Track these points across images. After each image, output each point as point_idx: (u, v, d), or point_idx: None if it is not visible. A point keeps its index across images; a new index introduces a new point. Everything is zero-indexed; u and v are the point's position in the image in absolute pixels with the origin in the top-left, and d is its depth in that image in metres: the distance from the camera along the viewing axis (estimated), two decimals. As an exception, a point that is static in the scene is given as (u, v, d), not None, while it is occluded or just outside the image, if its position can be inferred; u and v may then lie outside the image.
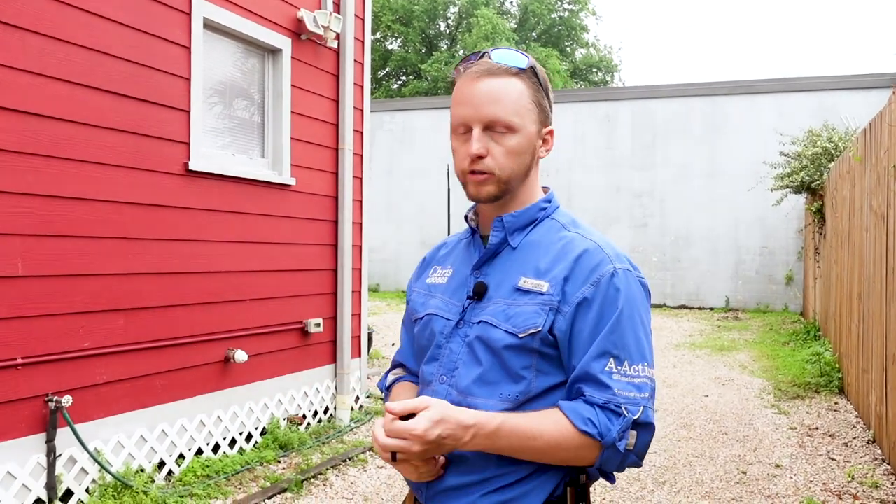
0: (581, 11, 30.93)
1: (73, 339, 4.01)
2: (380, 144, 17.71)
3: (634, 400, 1.34)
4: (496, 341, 1.40)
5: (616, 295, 1.38)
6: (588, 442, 1.33)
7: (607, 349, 1.35)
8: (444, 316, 1.52)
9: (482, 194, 1.45)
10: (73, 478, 3.99)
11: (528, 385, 1.40)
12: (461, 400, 1.42)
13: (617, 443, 1.32)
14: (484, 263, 1.50)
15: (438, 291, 1.57)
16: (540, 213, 1.52)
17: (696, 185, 15.48)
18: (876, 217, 5.47)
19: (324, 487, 4.64)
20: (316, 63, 5.90)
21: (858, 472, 4.89)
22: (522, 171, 1.47)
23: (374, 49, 29.44)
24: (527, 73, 1.45)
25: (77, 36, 4.00)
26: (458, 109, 1.45)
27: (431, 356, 1.52)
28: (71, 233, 4.00)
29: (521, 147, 1.44)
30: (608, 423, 1.32)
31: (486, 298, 1.46)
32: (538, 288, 1.41)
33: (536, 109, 1.46)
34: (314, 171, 5.88)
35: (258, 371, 5.32)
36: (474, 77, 1.44)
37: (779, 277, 14.99)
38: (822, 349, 8.46)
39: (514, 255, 1.48)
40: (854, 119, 11.04)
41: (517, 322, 1.39)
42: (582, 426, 1.32)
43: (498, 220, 1.49)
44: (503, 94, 1.42)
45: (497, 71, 1.43)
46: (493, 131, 1.42)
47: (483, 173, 1.43)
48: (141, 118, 4.39)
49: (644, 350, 1.39)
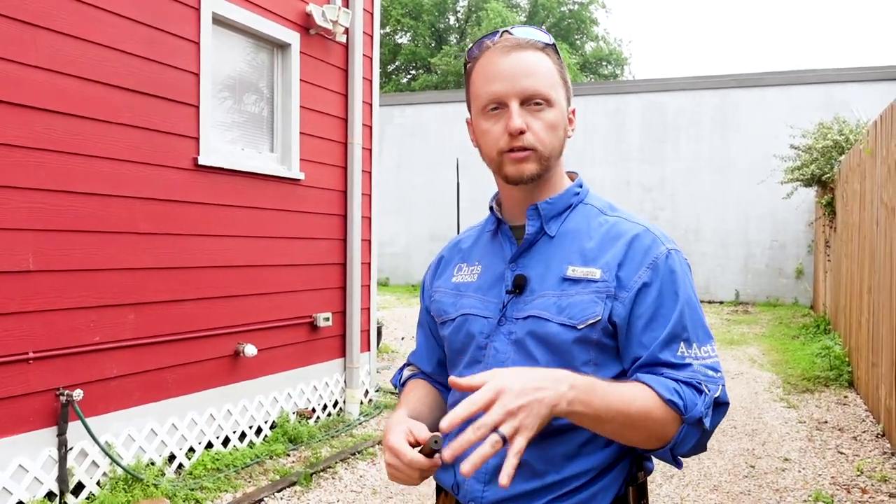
0: (591, 4, 30.83)
1: (83, 334, 4.05)
2: (390, 139, 17.71)
3: (712, 378, 1.28)
4: (553, 336, 1.31)
5: (673, 277, 1.32)
6: (671, 416, 1.24)
7: (676, 333, 1.29)
8: (482, 315, 1.41)
9: (525, 173, 1.35)
10: (85, 471, 4.03)
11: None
12: None
13: (704, 419, 1.24)
14: (520, 255, 1.41)
15: (470, 290, 1.46)
16: (574, 199, 1.44)
17: (706, 178, 15.42)
18: (886, 210, 5.44)
19: (333, 481, 4.67)
20: (325, 58, 5.91)
21: (867, 466, 4.88)
22: (560, 147, 1.39)
23: (384, 43, 29.44)
24: (551, 48, 1.39)
25: (88, 32, 4.03)
26: (487, 87, 1.35)
27: (473, 359, 1.41)
28: (81, 228, 4.03)
29: (559, 121, 1.36)
30: (694, 398, 1.24)
31: (529, 291, 1.37)
32: (590, 275, 1.33)
33: (564, 86, 1.40)
34: (323, 165, 5.90)
35: (268, 365, 5.35)
36: (504, 51, 1.35)
37: (789, 271, 14.92)
38: (832, 343, 8.43)
39: (553, 244, 1.39)
40: (865, 111, 10.97)
41: (573, 313, 1.31)
42: (668, 395, 1.23)
43: (533, 208, 1.40)
44: (538, 67, 1.34)
45: (526, 45, 1.35)
46: (530, 105, 1.33)
47: (525, 149, 1.33)
48: (151, 113, 4.41)
49: (707, 329, 1.34)
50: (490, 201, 1.52)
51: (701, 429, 1.26)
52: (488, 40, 1.39)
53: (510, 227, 1.46)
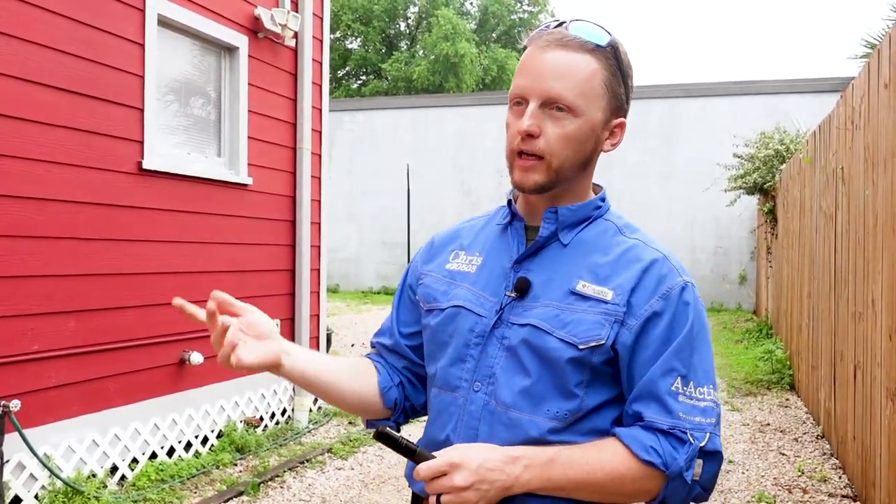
0: (541, 13, 31.12)
1: (21, 342, 3.92)
2: (340, 144, 17.61)
3: (700, 426, 1.21)
4: (550, 350, 1.24)
5: (686, 310, 1.25)
6: (651, 473, 1.19)
7: (674, 367, 1.22)
8: (476, 311, 1.33)
9: (527, 183, 1.28)
10: (22, 484, 3.89)
11: (580, 403, 1.25)
12: (501, 413, 1.27)
13: (684, 473, 1.18)
14: (527, 257, 1.33)
15: (466, 281, 1.38)
16: (595, 212, 1.37)
17: (653, 185, 15.70)
18: (825, 218, 5.61)
19: (281, 490, 4.60)
20: (273, 62, 5.84)
21: (808, 467, 5.00)
22: (579, 161, 1.30)
23: (334, 48, 29.26)
24: (605, 51, 1.28)
25: (25, 31, 3.91)
26: (517, 79, 1.28)
27: (458, 356, 1.33)
28: (20, 233, 3.90)
29: (582, 134, 1.27)
30: (672, 452, 1.19)
31: (531, 298, 1.29)
32: (601, 295, 1.25)
33: (607, 95, 1.28)
34: (272, 170, 5.82)
35: (214, 373, 5.25)
36: (543, 46, 1.27)
37: (732, 277, 15.27)
38: (774, 347, 8.64)
39: (564, 253, 1.32)
40: (805, 122, 11.30)
41: (576, 331, 1.24)
42: (644, 455, 1.18)
43: (552, 210, 1.32)
44: (571, 70, 1.24)
45: (570, 43, 1.25)
46: (551, 109, 1.25)
47: (532, 156, 1.26)
48: (93, 116, 4.30)
49: (710, 370, 1.26)
50: (509, 194, 1.41)
51: (685, 483, 1.20)
52: (540, 31, 1.31)
53: (526, 227, 1.38)
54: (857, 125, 4.38)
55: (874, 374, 3.88)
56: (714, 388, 1.26)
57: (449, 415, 1.33)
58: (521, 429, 1.25)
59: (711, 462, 1.22)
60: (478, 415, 1.29)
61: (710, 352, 1.29)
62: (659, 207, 15.63)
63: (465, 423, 1.30)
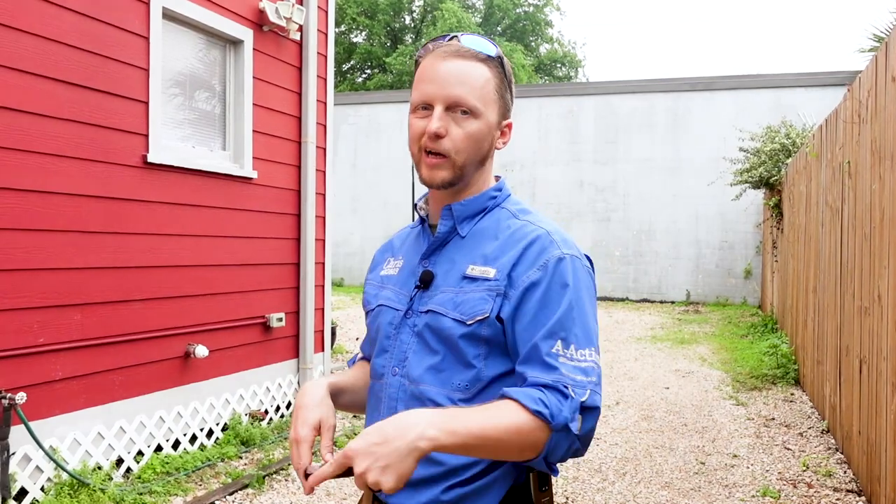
0: (546, 7, 31.07)
1: (27, 335, 3.93)
2: (344, 138, 17.61)
3: (581, 383, 1.29)
4: (446, 329, 1.38)
5: (563, 278, 1.35)
6: (540, 424, 1.25)
7: (554, 331, 1.32)
8: (392, 306, 1.50)
9: (435, 180, 1.42)
10: (28, 476, 3.91)
11: (479, 373, 1.37)
12: (413, 389, 1.40)
13: (570, 423, 1.26)
14: (432, 253, 1.49)
15: (391, 283, 1.55)
16: (490, 202, 1.50)
17: (659, 179, 15.66)
18: (831, 212, 5.59)
19: (285, 483, 4.61)
20: (278, 55, 5.84)
21: (813, 462, 5.00)
22: (478, 158, 1.45)
23: (339, 42, 29.25)
24: (494, 61, 1.44)
25: (30, 24, 3.91)
26: (421, 87, 1.43)
27: (381, 348, 1.50)
28: (25, 226, 3.91)
29: (481, 133, 1.42)
30: (558, 404, 1.26)
31: (434, 287, 1.44)
32: (485, 274, 1.39)
33: (499, 99, 1.45)
34: (276, 164, 5.83)
35: (219, 366, 5.26)
36: (442, 56, 1.42)
37: (738, 271, 15.24)
38: (779, 342, 8.62)
39: (462, 244, 1.46)
40: (811, 116, 11.27)
41: (465, 309, 1.37)
42: (533, 406, 1.25)
43: (446, 208, 1.47)
44: (470, 77, 1.40)
45: (466, 54, 1.42)
46: (454, 113, 1.40)
47: (438, 155, 1.40)
48: (98, 109, 4.30)
49: (591, 334, 1.36)
50: (418, 200, 1.59)
51: (570, 434, 1.27)
52: (434, 43, 1.47)
53: (430, 225, 1.54)
54: (863, 119, 4.36)
55: (880, 368, 3.87)
56: (596, 350, 1.35)
57: (378, 400, 1.48)
58: (431, 400, 1.38)
59: (590, 417, 1.29)
60: (395, 396, 1.44)
61: (591, 316, 1.38)
62: (664, 201, 15.59)
63: (386, 405, 1.45)
